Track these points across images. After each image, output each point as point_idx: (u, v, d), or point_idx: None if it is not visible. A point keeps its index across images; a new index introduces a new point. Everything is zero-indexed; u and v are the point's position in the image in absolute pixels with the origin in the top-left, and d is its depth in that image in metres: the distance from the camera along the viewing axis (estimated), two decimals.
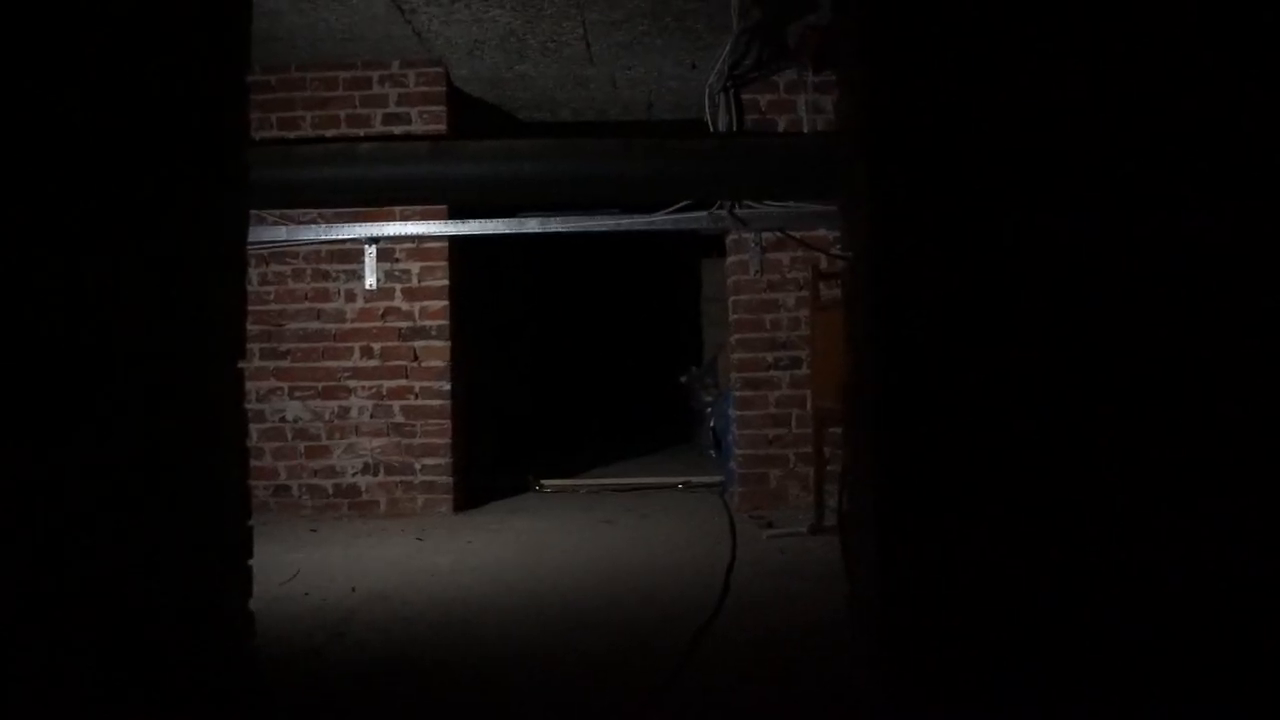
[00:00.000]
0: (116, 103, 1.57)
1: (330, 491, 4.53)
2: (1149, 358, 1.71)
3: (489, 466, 5.28)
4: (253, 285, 4.48)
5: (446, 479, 4.53)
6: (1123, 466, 1.70)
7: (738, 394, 4.58)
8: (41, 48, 1.40)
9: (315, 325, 4.57)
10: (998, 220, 1.72)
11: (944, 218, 1.72)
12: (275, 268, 4.57)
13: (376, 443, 4.54)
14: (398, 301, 4.57)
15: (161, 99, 1.70)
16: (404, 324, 4.56)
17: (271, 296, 4.56)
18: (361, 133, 4.55)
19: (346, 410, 4.55)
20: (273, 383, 4.55)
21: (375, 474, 4.54)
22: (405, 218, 4.54)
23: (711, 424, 5.99)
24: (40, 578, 1.39)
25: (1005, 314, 1.72)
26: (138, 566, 1.61)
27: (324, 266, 4.58)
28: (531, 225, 4.58)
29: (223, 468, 1.91)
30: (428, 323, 4.56)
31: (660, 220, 4.55)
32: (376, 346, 4.56)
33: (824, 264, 4.33)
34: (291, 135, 4.55)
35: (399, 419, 4.54)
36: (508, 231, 4.62)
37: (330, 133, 4.55)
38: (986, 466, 1.71)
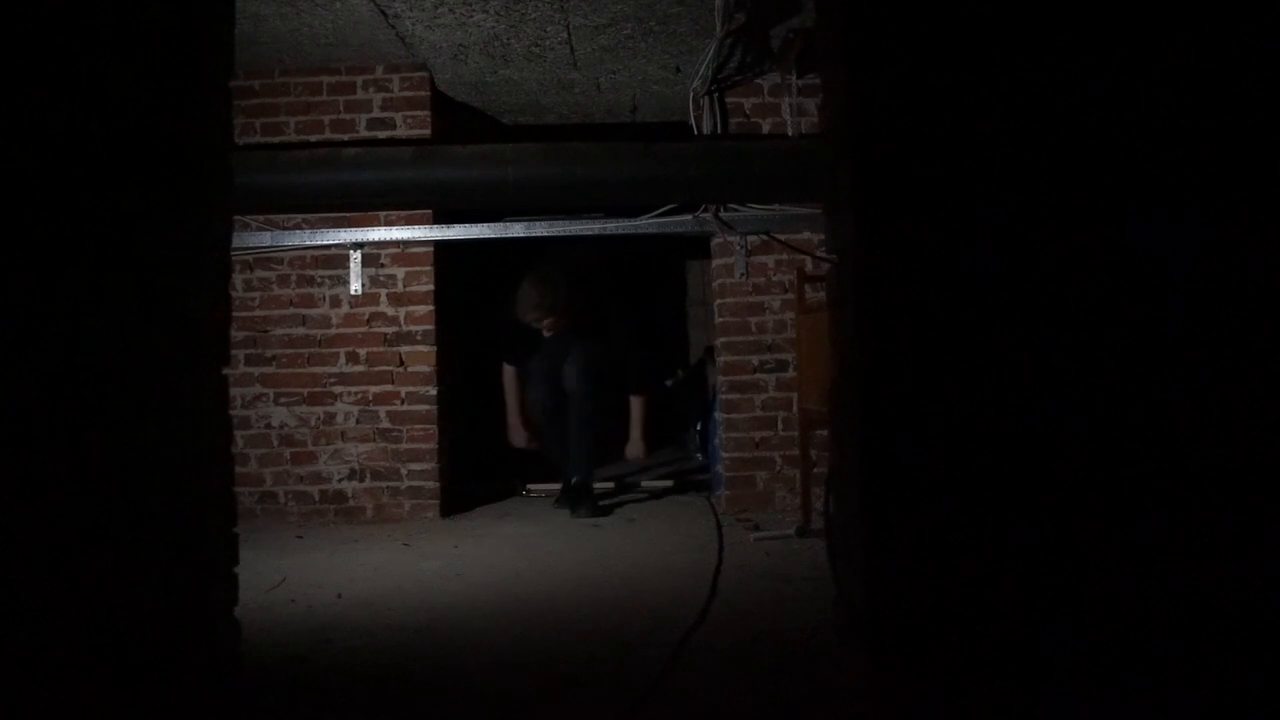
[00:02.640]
0: (98, 108, 1.57)
1: (316, 497, 4.52)
2: (1136, 357, 1.72)
3: (476, 471, 5.27)
4: (237, 291, 4.46)
5: (433, 484, 4.52)
6: (1111, 466, 1.71)
7: (724, 397, 4.58)
8: (18, 53, 1.39)
9: (300, 331, 4.55)
10: (981, 222, 1.73)
11: (928, 220, 1.73)
12: (260, 273, 4.55)
13: (363, 448, 4.53)
14: (383, 306, 4.56)
15: (144, 104, 1.70)
16: (389, 329, 4.55)
17: (256, 302, 4.54)
18: (346, 137, 4.55)
19: (332, 416, 4.54)
20: (258, 389, 4.53)
21: (361, 479, 4.52)
22: (390, 223, 4.54)
23: (697, 427, 5.99)
24: (22, 585, 1.38)
25: (990, 315, 1.73)
26: (122, 574, 1.60)
27: (309, 272, 4.57)
28: (516, 229, 4.58)
29: (208, 474, 1.90)
30: (413, 328, 4.55)
31: (645, 224, 4.55)
32: (362, 352, 4.55)
33: (809, 266, 4.34)
34: (276, 140, 4.53)
35: (385, 424, 4.53)
36: (492, 236, 4.61)
37: (315, 138, 4.54)
38: (973, 468, 1.72)
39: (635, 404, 4.80)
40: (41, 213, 1.43)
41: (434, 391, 4.53)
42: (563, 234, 4.57)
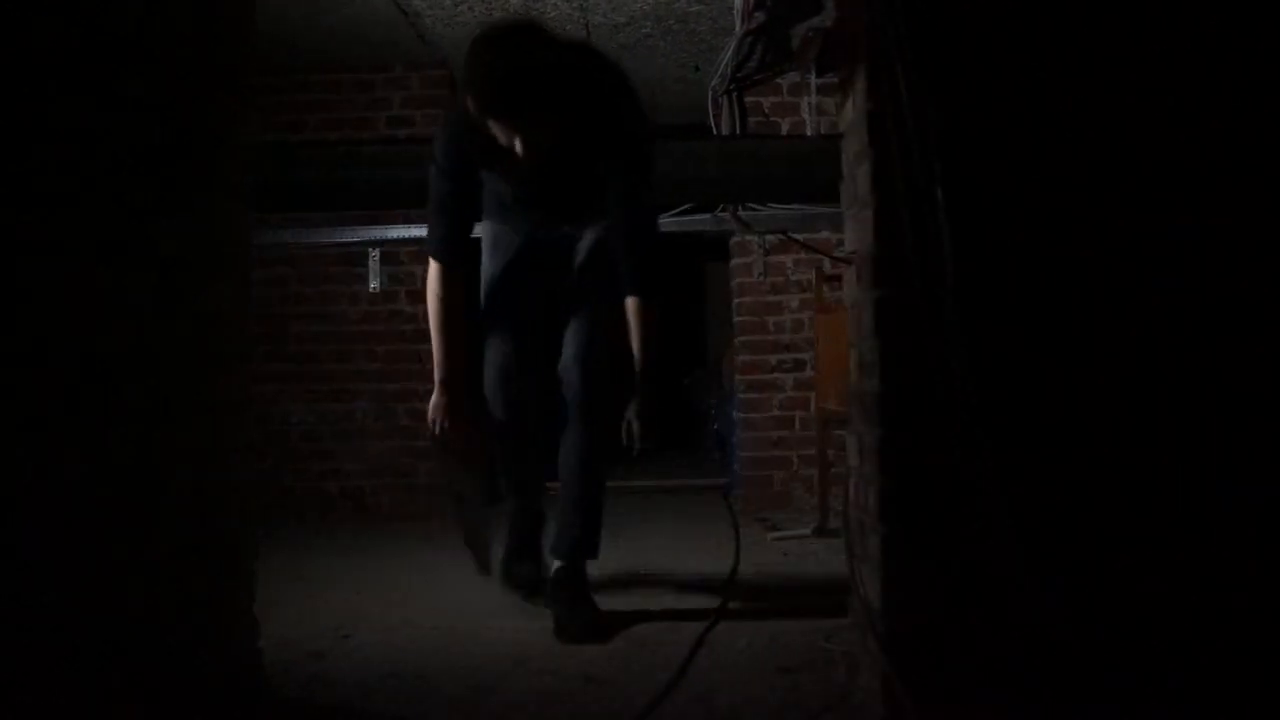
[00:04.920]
0: (117, 105, 1.58)
1: (335, 494, 4.54)
2: (1153, 358, 1.71)
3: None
4: (257, 288, 4.48)
5: None
6: (1128, 468, 1.70)
7: (741, 396, 4.58)
8: (41, 50, 1.40)
9: (320, 328, 4.57)
10: (998, 221, 1.73)
11: (946, 219, 1.72)
12: (280, 270, 4.57)
13: (381, 445, 4.54)
14: (402, 304, 4.57)
15: (164, 101, 1.71)
16: (408, 327, 4.56)
17: (276, 300, 4.56)
18: (366, 135, 4.56)
19: (351, 413, 4.55)
20: (277, 386, 4.55)
21: (380, 477, 4.54)
22: (409, 220, 4.54)
23: (715, 426, 5.99)
24: (43, 580, 1.39)
25: (1006, 314, 1.72)
26: (142, 569, 1.61)
27: (328, 269, 4.58)
28: None
29: (227, 471, 1.91)
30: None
31: (663, 222, 4.54)
32: (380, 349, 4.57)
33: (827, 266, 4.32)
34: (295, 138, 4.55)
35: (404, 421, 4.55)
36: None
37: (334, 136, 4.56)
38: (990, 468, 1.71)
39: (635, 311, 2.58)
40: (63, 211, 1.44)
41: None
42: None
